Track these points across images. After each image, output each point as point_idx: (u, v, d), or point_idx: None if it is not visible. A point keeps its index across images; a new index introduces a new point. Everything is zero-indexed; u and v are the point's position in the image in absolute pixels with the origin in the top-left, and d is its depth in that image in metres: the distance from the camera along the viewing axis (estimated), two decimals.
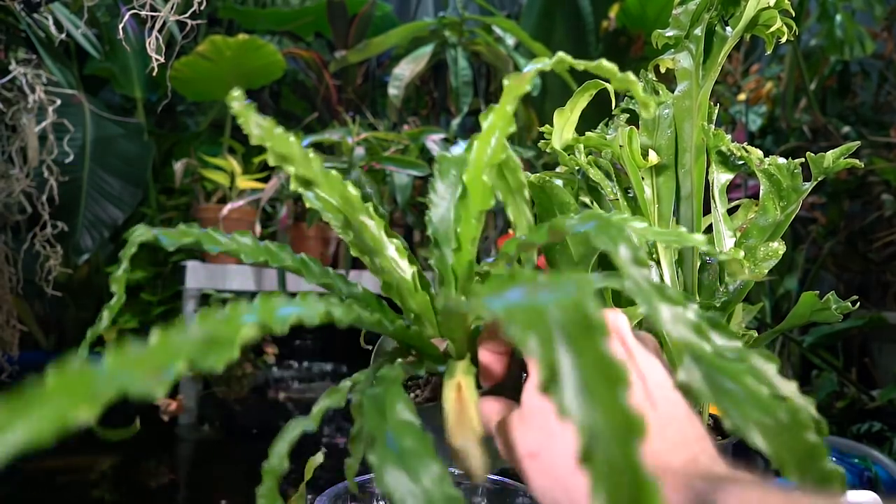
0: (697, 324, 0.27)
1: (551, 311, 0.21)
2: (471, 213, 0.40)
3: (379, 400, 0.32)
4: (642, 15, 2.22)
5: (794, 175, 0.51)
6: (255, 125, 0.40)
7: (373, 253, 0.44)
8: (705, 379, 0.26)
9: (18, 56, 1.44)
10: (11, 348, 1.51)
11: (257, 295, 0.31)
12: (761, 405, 0.25)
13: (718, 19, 0.52)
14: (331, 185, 0.43)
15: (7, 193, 1.51)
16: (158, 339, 0.25)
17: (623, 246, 0.28)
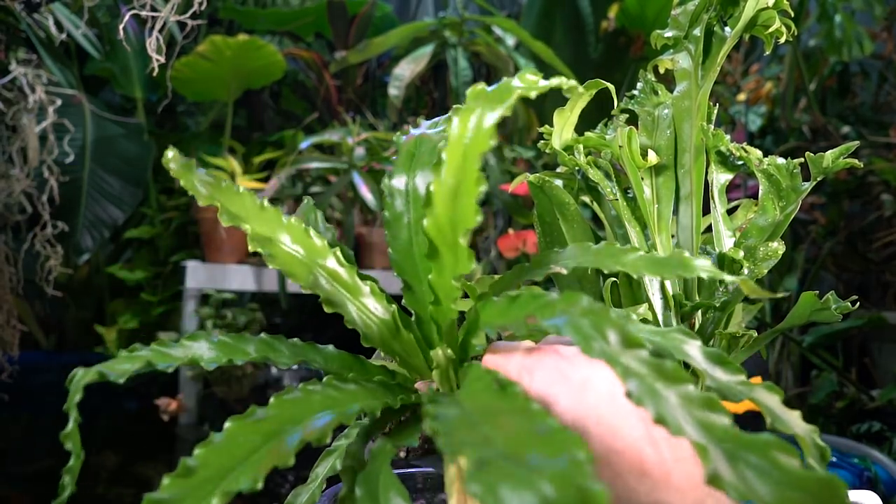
0: (709, 399, 0.25)
1: (544, 489, 0.19)
2: (446, 275, 0.35)
3: (372, 486, 0.30)
4: (641, 15, 2.22)
5: (793, 175, 0.52)
6: (200, 183, 0.37)
7: (348, 300, 0.40)
8: (734, 466, 0.24)
9: (19, 56, 1.45)
10: (11, 348, 1.52)
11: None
12: (797, 483, 0.24)
13: (717, 20, 0.52)
14: (293, 234, 0.40)
15: (7, 193, 1.51)
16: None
17: (611, 331, 0.25)
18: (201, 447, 0.27)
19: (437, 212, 0.34)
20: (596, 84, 0.50)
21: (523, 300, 0.32)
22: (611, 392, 0.30)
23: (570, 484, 0.19)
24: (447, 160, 0.33)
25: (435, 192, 0.34)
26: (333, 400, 0.33)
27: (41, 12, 1.37)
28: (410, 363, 0.41)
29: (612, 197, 0.54)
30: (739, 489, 0.23)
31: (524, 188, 1.32)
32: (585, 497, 0.19)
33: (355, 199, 1.83)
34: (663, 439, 0.29)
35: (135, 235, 2.17)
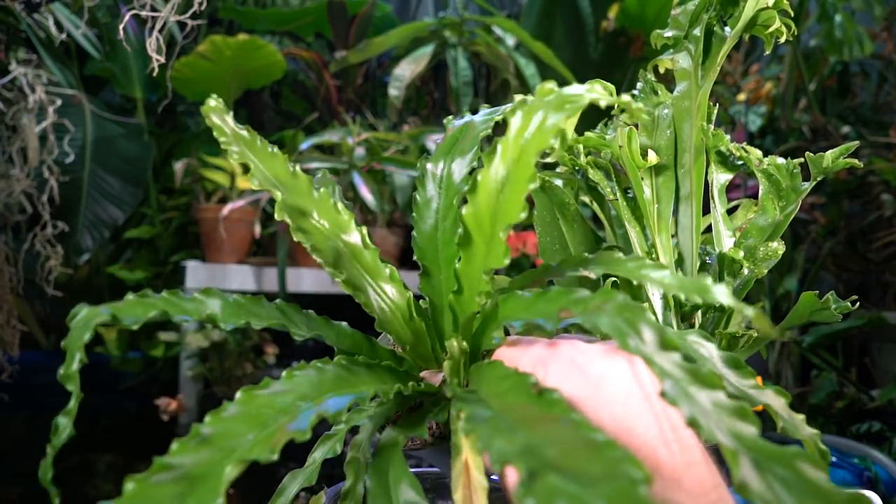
0: (741, 408, 0.25)
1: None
2: (477, 266, 0.35)
3: (382, 477, 0.30)
4: (641, 15, 2.22)
5: (793, 175, 0.52)
6: (234, 139, 0.36)
7: (368, 283, 0.40)
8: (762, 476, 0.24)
9: (19, 56, 1.45)
10: (12, 348, 1.52)
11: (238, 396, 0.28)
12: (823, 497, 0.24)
13: (717, 19, 0.52)
14: (321, 208, 0.39)
15: (7, 193, 1.51)
16: (133, 491, 0.22)
17: (647, 330, 0.25)
18: (213, 415, 0.26)
19: (479, 201, 0.34)
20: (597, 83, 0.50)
21: (553, 295, 0.31)
22: (627, 391, 0.30)
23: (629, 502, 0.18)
24: (501, 151, 0.33)
25: (482, 181, 0.34)
26: (346, 380, 0.33)
27: (41, 12, 1.37)
28: (419, 351, 0.40)
29: (612, 197, 0.54)
30: (766, 498, 0.23)
31: None
32: None
33: (355, 200, 1.83)
34: (676, 442, 0.29)
35: (135, 235, 2.17)
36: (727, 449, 0.24)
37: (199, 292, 0.35)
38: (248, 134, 0.37)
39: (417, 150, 1.95)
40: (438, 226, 0.40)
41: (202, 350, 1.78)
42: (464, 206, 0.35)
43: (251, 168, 0.37)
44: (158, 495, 0.22)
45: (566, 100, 0.32)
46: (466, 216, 0.35)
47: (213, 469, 0.24)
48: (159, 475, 0.23)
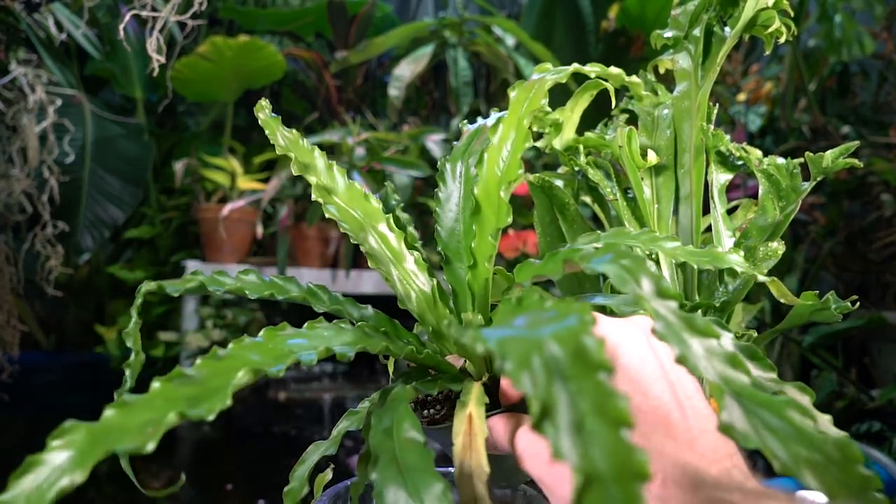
0: (733, 356, 0.26)
1: (548, 345, 0.20)
2: (486, 231, 0.39)
3: (386, 419, 0.31)
4: (642, 15, 2.22)
5: (793, 175, 0.52)
6: (281, 136, 0.43)
7: (390, 264, 0.43)
8: (748, 418, 0.25)
9: (19, 56, 1.45)
10: (12, 348, 1.52)
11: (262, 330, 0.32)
12: (809, 441, 0.24)
13: (717, 20, 0.52)
14: (353, 195, 0.44)
15: (7, 193, 1.51)
16: (157, 388, 0.25)
17: (645, 279, 0.26)
18: (234, 343, 0.30)
19: (486, 170, 0.39)
20: (596, 84, 0.50)
21: (562, 254, 0.33)
22: (642, 358, 0.31)
23: (572, 340, 0.20)
24: (506, 119, 0.39)
25: (489, 150, 0.39)
26: (362, 338, 0.36)
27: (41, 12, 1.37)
28: (443, 335, 0.42)
29: (612, 197, 0.54)
30: (751, 439, 0.24)
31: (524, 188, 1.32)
32: (583, 347, 0.20)
33: None
34: (691, 408, 0.30)
35: (135, 235, 2.17)
36: (713, 385, 0.25)
37: (241, 272, 0.42)
38: (291, 135, 0.44)
39: (417, 150, 1.95)
40: (459, 217, 0.43)
41: (202, 350, 1.78)
42: (475, 186, 0.40)
43: (292, 158, 0.43)
44: (176, 394, 0.25)
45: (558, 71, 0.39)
46: (478, 191, 0.39)
47: (224, 378, 0.27)
48: (179, 380, 0.26)
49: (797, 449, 0.24)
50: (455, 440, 0.32)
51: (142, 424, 0.23)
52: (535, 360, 0.20)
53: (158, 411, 0.23)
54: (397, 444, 0.29)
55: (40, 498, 0.20)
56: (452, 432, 0.33)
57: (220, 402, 0.25)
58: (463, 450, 0.32)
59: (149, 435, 0.22)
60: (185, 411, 0.24)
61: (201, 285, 0.38)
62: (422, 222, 1.98)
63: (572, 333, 0.20)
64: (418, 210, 2.03)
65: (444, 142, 1.94)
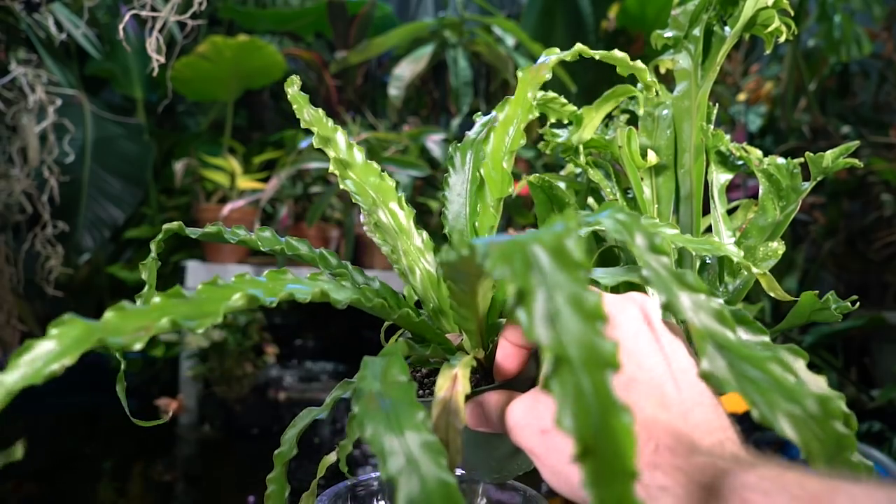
0: (720, 311, 0.27)
1: (531, 246, 0.20)
2: (488, 202, 0.40)
3: (376, 366, 0.32)
4: (642, 15, 2.22)
5: (793, 175, 0.51)
6: (307, 112, 0.48)
7: (397, 238, 0.44)
8: (729, 368, 0.25)
9: (19, 56, 1.45)
10: (12, 348, 1.52)
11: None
12: (788, 393, 0.24)
13: (717, 19, 0.52)
14: (366, 171, 0.47)
15: (7, 193, 1.51)
16: (157, 301, 0.27)
17: (639, 234, 0.27)
18: (237, 277, 0.33)
19: (493, 145, 0.41)
20: (626, 90, 0.51)
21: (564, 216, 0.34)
22: (637, 331, 0.32)
23: (555, 243, 0.21)
24: (514, 99, 0.42)
25: (496, 129, 0.41)
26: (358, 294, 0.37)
27: (41, 12, 1.37)
28: (443, 314, 0.43)
29: (612, 197, 0.54)
30: (730, 385, 0.25)
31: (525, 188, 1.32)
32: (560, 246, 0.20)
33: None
34: (685, 382, 0.30)
35: (135, 235, 2.17)
36: (697, 332, 0.25)
37: (259, 229, 0.46)
38: (316, 112, 0.48)
39: (417, 150, 1.95)
40: (465, 201, 0.44)
41: (202, 350, 1.78)
42: (481, 165, 0.41)
43: (315, 132, 0.46)
44: (174, 308, 0.27)
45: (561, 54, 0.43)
46: (484, 166, 0.41)
47: (220, 301, 0.29)
48: (177, 298, 0.27)
49: (776, 400, 0.24)
50: (438, 392, 0.33)
51: (136, 328, 0.24)
52: (516, 255, 0.20)
53: (154, 318, 0.25)
54: (383, 384, 0.30)
55: (34, 375, 0.22)
56: (436, 384, 0.34)
57: (212, 318, 0.27)
58: (444, 402, 0.33)
59: (139, 337, 0.24)
60: (178, 320, 0.26)
61: (219, 232, 0.41)
62: (422, 222, 1.98)
63: (556, 236, 0.20)
64: (418, 210, 2.03)
65: (444, 142, 1.94)
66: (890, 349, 1.97)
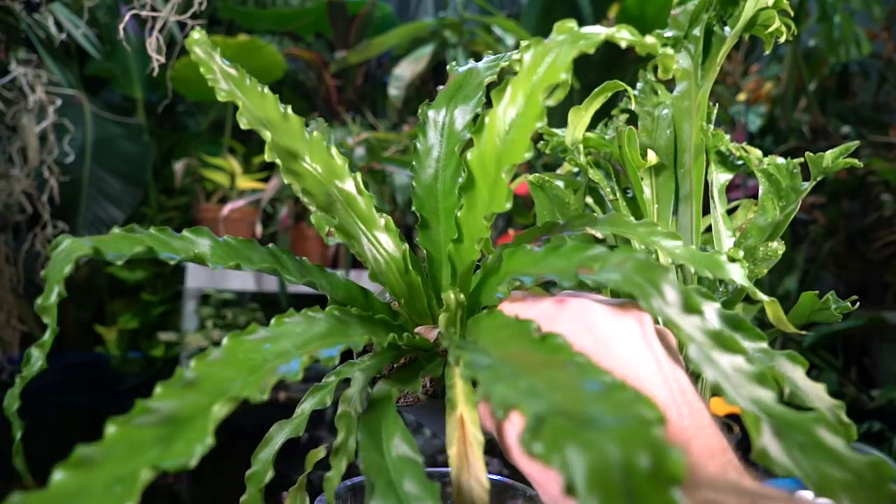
0: (761, 374, 0.25)
1: (607, 447, 0.17)
2: (478, 210, 0.34)
3: (374, 431, 0.29)
4: (641, 15, 2.22)
5: (793, 175, 0.52)
6: (221, 76, 0.35)
7: (362, 232, 0.39)
8: (787, 452, 0.23)
9: (19, 56, 1.45)
10: (12, 348, 1.52)
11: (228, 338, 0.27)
12: (840, 462, 0.23)
13: (717, 19, 0.52)
14: (313, 152, 0.37)
15: (7, 193, 1.51)
16: (114, 434, 0.20)
17: (668, 288, 0.24)
18: (197, 360, 0.25)
19: (486, 142, 0.33)
20: (615, 85, 0.51)
21: (568, 250, 0.30)
22: (637, 352, 0.30)
23: (642, 446, 0.17)
24: (511, 91, 0.32)
25: (490, 122, 0.33)
26: (337, 330, 0.32)
27: (41, 12, 1.37)
28: (414, 305, 0.39)
29: (612, 197, 0.54)
30: (785, 466, 0.23)
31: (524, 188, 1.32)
32: (660, 461, 0.16)
33: None
34: (685, 405, 0.29)
35: None
36: (748, 414, 0.24)
37: (189, 230, 0.34)
38: (236, 71, 0.37)
39: None
40: (439, 175, 0.38)
41: (202, 350, 1.78)
42: (468, 151, 0.34)
43: (239, 106, 0.36)
44: (141, 438, 0.21)
45: (581, 36, 0.31)
46: (472, 160, 0.33)
47: (199, 410, 0.22)
48: (142, 418, 0.21)
49: (830, 471, 0.23)
50: (449, 449, 0.30)
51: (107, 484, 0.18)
52: (598, 473, 0.16)
53: (125, 466, 0.19)
54: (391, 465, 0.27)
55: None
56: (445, 433, 0.30)
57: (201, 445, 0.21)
58: (459, 462, 0.29)
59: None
60: (157, 463, 0.20)
61: (149, 249, 0.32)
62: None
63: (634, 432, 0.17)
64: None
65: None
66: (890, 349, 1.97)
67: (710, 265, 0.33)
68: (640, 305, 0.26)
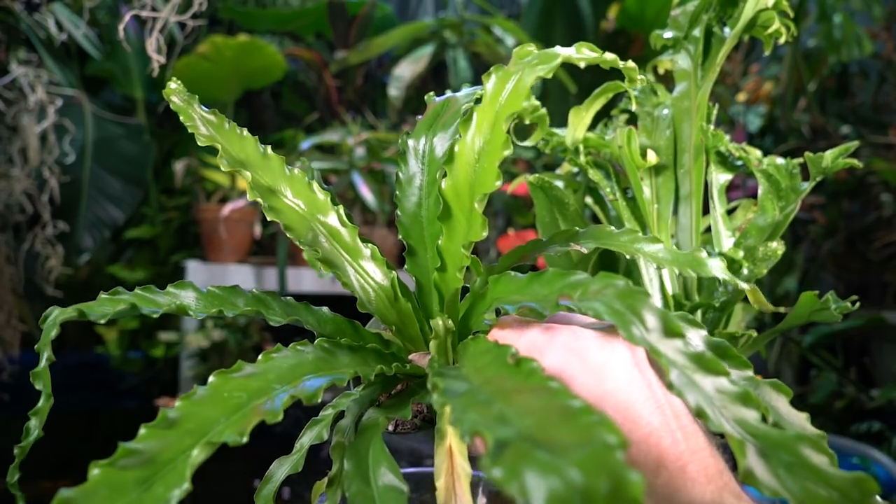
0: (743, 394, 0.25)
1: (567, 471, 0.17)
2: (456, 240, 0.34)
3: (361, 459, 0.29)
4: (641, 16, 2.22)
5: (792, 175, 0.52)
6: (200, 122, 0.37)
7: (347, 263, 0.39)
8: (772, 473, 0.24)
9: (19, 56, 1.45)
10: (12, 348, 1.52)
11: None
12: (826, 481, 0.24)
13: (717, 20, 0.52)
14: (295, 187, 0.38)
15: (8, 193, 1.51)
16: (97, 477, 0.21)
17: (649, 314, 0.24)
18: (183, 399, 0.25)
19: (458, 172, 0.34)
20: (616, 86, 0.51)
21: (549, 277, 0.30)
22: (629, 379, 0.29)
23: (603, 471, 0.17)
24: (477, 120, 0.33)
25: (459, 152, 0.34)
26: (326, 362, 0.32)
27: (41, 12, 1.37)
28: (406, 333, 0.39)
29: (611, 197, 0.54)
30: (771, 487, 0.23)
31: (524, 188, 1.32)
32: (619, 485, 0.16)
33: (355, 200, 1.83)
34: (680, 430, 0.28)
35: (135, 235, 2.17)
36: (733, 439, 0.24)
37: (173, 285, 0.35)
38: (215, 118, 0.38)
39: None
40: (422, 203, 0.39)
41: (202, 350, 1.78)
42: (443, 181, 0.34)
43: (219, 150, 0.37)
44: (123, 480, 0.21)
45: (540, 61, 0.31)
46: (446, 190, 0.34)
47: (179, 453, 0.23)
48: (124, 460, 0.22)
49: (814, 489, 0.23)
50: (437, 481, 0.29)
51: None
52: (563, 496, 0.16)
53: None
54: (377, 494, 0.27)
55: None
56: (434, 464, 0.30)
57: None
58: (447, 495, 0.29)
59: None
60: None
61: (132, 306, 0.33)
62: None
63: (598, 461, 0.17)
64: None
65: None
66: (890, 349, 1.97)
67: (692, 264, 0.34)
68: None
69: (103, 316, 0.32)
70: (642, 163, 0.51)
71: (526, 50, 0.32)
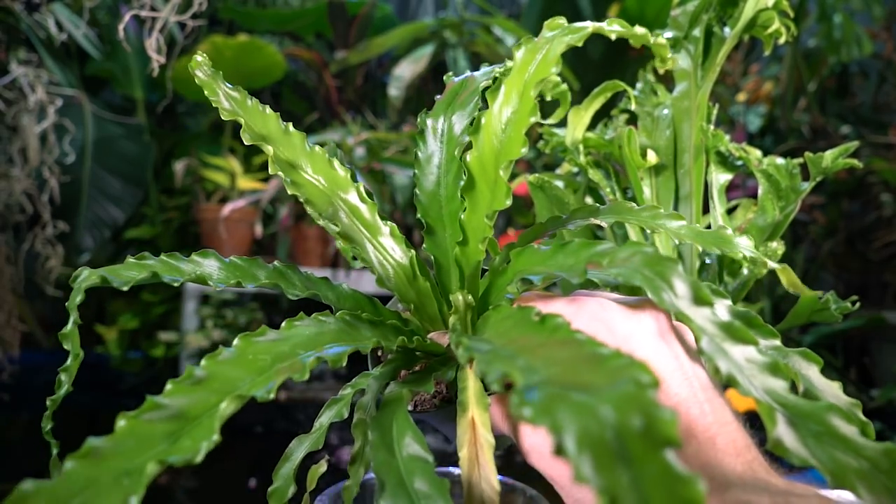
0: (773, 364, 0.25)
1: (604, 413, 0.16)
2: (480, 209, 0.34)
3: (385, 430, 0.29)
4: (641, 16, 2.22)
5: (792, 175, 0.52)
6: (224, 97, 0.37)
7: (366, 239, 0.39)
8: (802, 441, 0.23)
9: (19, 56, 1.45)
10: (12, 348, 1.52)
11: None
12: (855, 450, 0.24)
13: (717, 20, 0.52)
14: (315, 164, 0.38)
15: (8, 193, 1.51)
16: (124, 428, 0.21)
17: (678, 281, 0.24)
18: (208, 359, 0.26)
19: (483, 143, 0.34)
20: (615, 86, 0.51)
21: (575, 247, 0.30)
22: (656, 349, 0.29)
23: (636, 408, 0.16)
24: (505, 90, 0.33)
25: (486, 122, 0.34)
26: (347, 333, 0.32)
27: (41, 12, 1.37)
28: (425, 312, 0.39)
29: (611, 197, 0.54)
30: (800, 454, 0.23)
31: (524, 188, 1.33)
32: (652, 422, 0.16)
33: None
34: (707, 402, 0.28)
35: (135, 235, 2.17)
36: (763, 406, 0.24)
37: (197, 253, 0.36)
38: (238, 94, 0.38)
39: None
40: (441, 181, 0.38)
41: (202, 350, 1.78)
42: (467, 153, 0.35)
43: (242, 124, 0.37)
44: (151, 432, 0.21)
45: (570, 31, 0.33)
46: (471, 161, 0.34)
47: (207, 409, 0.23)
48: (151, 413, 0.22)
49: (844, 459, 0.23)
50: (460, 451, 0.29)
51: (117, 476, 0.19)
52: (592, 438, 0.16)
53: (133, 459, 0.20)
54: (402, 463, 0.27)
55: None
56: (456, 435, 0.30)
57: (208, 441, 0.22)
58: (470, 464, 0.29)
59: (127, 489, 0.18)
60: (164, 458, 0.20)
61: (154, 274, 0.33)
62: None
63: (631, 397, 0.17)
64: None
65: None
66: (890, 349, 1.97)
67: (719, 242, 0.33)
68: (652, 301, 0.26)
69: (127, 282, 0.32)
70: (642, 163, 0.51)
71: (557, 22, 0.34)
